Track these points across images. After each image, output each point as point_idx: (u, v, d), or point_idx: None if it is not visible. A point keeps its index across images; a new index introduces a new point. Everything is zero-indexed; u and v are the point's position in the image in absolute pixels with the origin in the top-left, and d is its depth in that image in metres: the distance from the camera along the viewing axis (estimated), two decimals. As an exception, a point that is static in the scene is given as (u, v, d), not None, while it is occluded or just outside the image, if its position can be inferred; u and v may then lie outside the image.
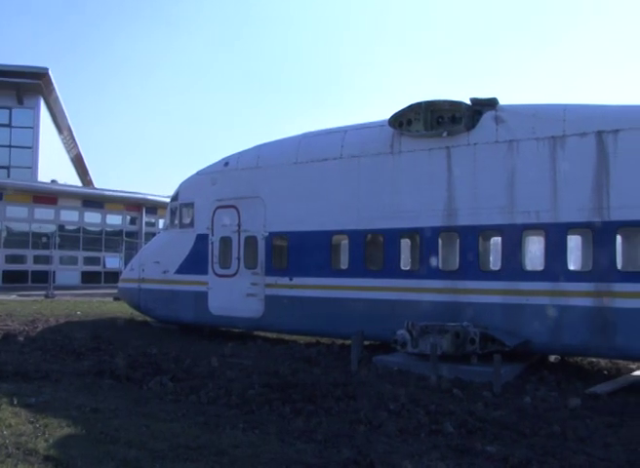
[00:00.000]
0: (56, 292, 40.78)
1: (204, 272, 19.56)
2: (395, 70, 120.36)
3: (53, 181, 58.53)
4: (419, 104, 15.88)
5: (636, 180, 13.39)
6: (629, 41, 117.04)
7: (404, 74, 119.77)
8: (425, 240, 15.85)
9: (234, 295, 18.76)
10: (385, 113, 16.43)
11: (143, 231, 58.57)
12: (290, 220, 17.85)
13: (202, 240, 19.74)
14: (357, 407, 10.52)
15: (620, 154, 13.58)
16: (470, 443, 8.96)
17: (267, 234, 18.30)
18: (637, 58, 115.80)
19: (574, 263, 15.05)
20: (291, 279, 17.74)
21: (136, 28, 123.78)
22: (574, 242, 15.09)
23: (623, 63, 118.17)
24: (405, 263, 17.01)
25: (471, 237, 15.19)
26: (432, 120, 15.74)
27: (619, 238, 14.06)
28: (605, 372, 15.08)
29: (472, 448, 8.76)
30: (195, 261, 19.84)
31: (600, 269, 13.71)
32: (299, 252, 17.68)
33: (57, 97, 66.16)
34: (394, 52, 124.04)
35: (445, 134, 15.55)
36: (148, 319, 22.22)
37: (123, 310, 26.01)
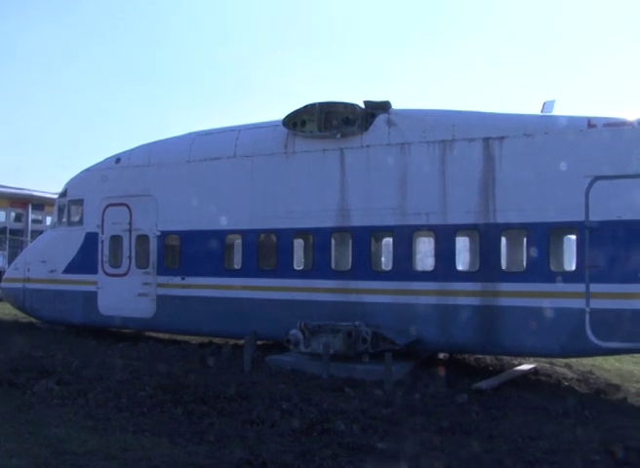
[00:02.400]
0: None
1: (93, 271, 19.01)
2: (290, 71, 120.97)
3: None
4: (313, 105, 15.97)
5: (519, 185, 13.96)
6: (521, 48, 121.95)
7: (299, 75, 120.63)
8: (318, 240, 15.96)
9: (125, 295, 18.31)
10: (280, 113, 16.46)
11: (29, 229, 56.18)
12: (183, 219, 17.58)
13: (91, 238, 19.16)
14: (250, 407, 10.52)
15: (505, 160, 14.11)
16: (362, 440, 9.12)
17: (160, 233, 17.98)
18: (526, 65, 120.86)
19: (462, 264, 15.52)
20: (183, 278, 17.49)
21: (19, 16, 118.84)
22: (462, 243, 15.55)
23: (513, 70, 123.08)
24: (298, 263, 17.07)
25: (364, 238, 15.40)
26: (326, 121, 15.84)
27: (503, 239, 14.61)
28: (490, 368, 15.67)
29: (364, 445, 8.92)
30: (84, 260, 19.25)
31: (486, 269, 14.22)
32: (191, 251, 17.44)
33: None
34: (290, 51, 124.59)
35: (338, 135, 15.69)
36: (34, 320, 21.35)
37: (6, 311, 24.92)
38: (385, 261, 16.55)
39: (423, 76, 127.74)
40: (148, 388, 11.42)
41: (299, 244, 17.10)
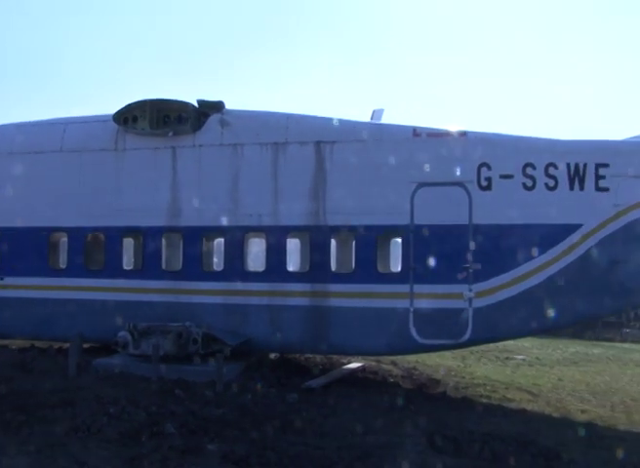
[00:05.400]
0: None
1: None
2: (128, 66, 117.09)
3: None
4: (144, 102, 15.58)
5: (349, 189, 14.42)
6: (353, 56, 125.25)
7: (135, 70, 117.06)
8: (149, 240, 15.62)
9: None
10: (111, 108, 15.91)
11: None
12: (2, 215, 16.53)
13: None
14: (75, 413, 10.09)
15: (336, 164, 14.54)
16: (192, 442, 9.05)
17: (-24, 230, 16.77)
18: (357, 72, 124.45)
19: (293, 265, 15.76)
20: (2, 279, 16.44)
21: None
22: (293, 245, 15.79)
23: (344, 77, 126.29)
24: (128, 263, 16.56)
25: (195, 238, 15.26)
26: (158, 119, 15.52)
27: (333, 242, 15.02)
28: (320, 367, 16.01)
29: (194, 447, 8.86)
30: None
31: (316, 271, 14.55)
32: (12, 249, 16.38)
33: None
34: (127, 46, 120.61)
35: (171, 133, 15.44)
36: None
37: None
38: (217, 262, 16.47)
39: (258, 78, 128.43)
40: (-43, 400, 10.61)
41: (128, 243, 16.58)
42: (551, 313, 13.66)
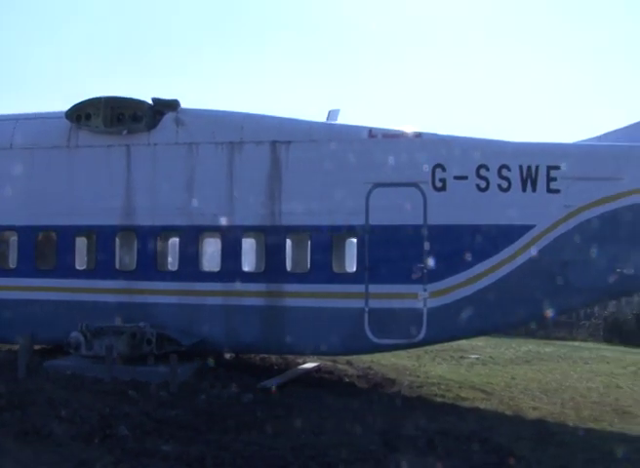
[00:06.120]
0: None
1: None
2: (81, 62, 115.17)
3: None
4: (98, 99, 15.36)
5: (304, 189, 14.44)
6: (312, 59, 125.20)
7: (89, 67, 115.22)
8: (102, 239, 15.41)
9: None
10: (65, 105, 15.63)
11: None
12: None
13: None
14: (24, 416, 9.87)
15: (291, 164, 14.53)
16: (146, 444, 8.97)
17: None
18: (313, 73, 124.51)
19: (248, 265, 15.70)
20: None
21: None
22: (248, 244, 15.72)
23: (301, 78, 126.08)
24: (80, 263, 16.28)
25: (149, 237, 15.10)
26: (112, 117, 15.33)
27: (288, 242, 14.99)
28: (275, 367, 15.99)
29: (148, 449, 8.77)
30: None
31: (271, 271, 14.53)
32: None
33: None
34: (85, 43, 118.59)
35: (125, 131, 15.26)
36: None
37: None
38: (172, 262, 16.31)
39: (215, 77, 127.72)
40: None
41: (81, 242, 16.31)
42: (505, 312, 13.88)
